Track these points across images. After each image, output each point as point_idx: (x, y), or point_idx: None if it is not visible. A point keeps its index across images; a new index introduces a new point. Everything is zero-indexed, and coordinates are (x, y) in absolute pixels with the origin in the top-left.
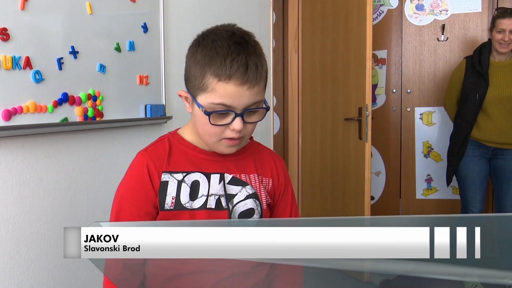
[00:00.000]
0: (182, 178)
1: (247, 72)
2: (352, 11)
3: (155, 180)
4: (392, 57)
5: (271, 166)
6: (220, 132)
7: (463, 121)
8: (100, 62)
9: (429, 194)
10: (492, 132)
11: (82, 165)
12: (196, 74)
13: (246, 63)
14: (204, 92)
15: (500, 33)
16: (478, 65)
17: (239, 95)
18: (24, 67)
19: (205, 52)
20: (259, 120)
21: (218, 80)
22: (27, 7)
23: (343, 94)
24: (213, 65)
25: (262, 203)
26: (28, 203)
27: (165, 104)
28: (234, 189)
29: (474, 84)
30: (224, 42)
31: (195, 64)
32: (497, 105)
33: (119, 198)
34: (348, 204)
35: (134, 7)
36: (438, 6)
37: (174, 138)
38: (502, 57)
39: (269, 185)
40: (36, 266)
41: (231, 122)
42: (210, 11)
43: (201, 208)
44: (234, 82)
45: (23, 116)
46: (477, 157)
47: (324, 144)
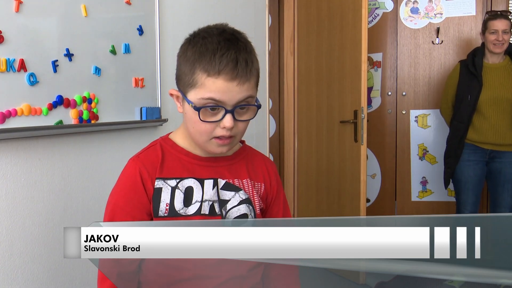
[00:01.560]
0: (176, 184)
1: (236, 67)
2: (347, 14)
3: (148, 187)
4: (387, 60)
5: (263, 171)
6: (210, 130)
7: (459, 122)
8: (95, 65)
9: (424, 196)
10: (488, 132)
11: (77, 168)
12: (186, 71)
13: (236, 58)
14: (194, 88)
15: (494, 34)
16: (472, 67)
17: (228, 90)
18: (18, 70)
19: (195, 49)
20: (251, 119)
21: (208, 76)
22: (22, 10)
23: (338, 97)
24: (203, 61)
25: (255, 208)
26: (22, 206)
27: (160, 106)
28: (228, 194)
29: (468, 86)
30: (214, 39)
31: (185, 61)
32: (492, 106)
33: (112, 206)
34: (343, 207)
35: (129, 10)
36: (433, 10)
37: (166, 143)
38: (495, 59)
39: (261, 189)
40: (30, 269)
41: (221, 119)
42: (205, 14)
43: (195, 214)
44: (223, 77)
45: (17, 119)
46: (472, 161)
47: (320, 146)
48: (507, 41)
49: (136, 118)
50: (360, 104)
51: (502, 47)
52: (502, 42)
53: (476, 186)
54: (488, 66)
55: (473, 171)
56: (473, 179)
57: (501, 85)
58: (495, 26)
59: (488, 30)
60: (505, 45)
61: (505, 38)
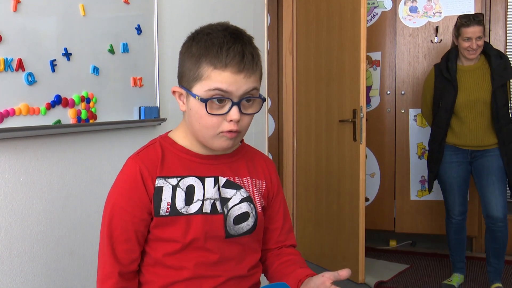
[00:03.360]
0: (177, 183)
1: (243, 60)
2: (346, 13)
3: (149, 186)
4: (386, 59)
5: (263, 168)
6: (217, 123)
7: (437, 127)
8: (94, 64)
9: (423, 195)
10: (467, 137)
11: (76, 167)
12: (190, 67)
13: (242, 51)
14: (200, 81)
15: (467, 41)
16: (446, 72)
17: (235, 82)
18: (16, 69)
19: (200, 44)
20: (256, 112)
21: (214, 68)
22: (20, 9)
23: (337, 96)
24: (209, 55)
25: (256, 206)
26: (20, 206)
27: (159, 106)
28: (229, 192)
29: (443, 90)
30: (220, 34)
31: (190, 57)
32: (469, 109)
33: (111, 205)
34: (343, 206)
35: (127, 9)
36: (431, 9)
37: (165, 141)
38: (469, 61)
39: (262, 187)
40: (29, 269)
41: (228, 112)
42: (204, 13)
43: (197, 213)
44: (230, 70)
45: (15, 119)
46: (454, 163)
47: (319, 146)
48: (481, 46)
49: (134, 118)
50: (359, 103)
51: (476, 53)
52: (476, 49)
53: (461, 186)
54: (463, 69)
55: (456, 172)
56: (457, 180)
57: (476, 87)
58: (468, 33)
59: (462, 37)
60: (479, 50)
61: (478, 44)
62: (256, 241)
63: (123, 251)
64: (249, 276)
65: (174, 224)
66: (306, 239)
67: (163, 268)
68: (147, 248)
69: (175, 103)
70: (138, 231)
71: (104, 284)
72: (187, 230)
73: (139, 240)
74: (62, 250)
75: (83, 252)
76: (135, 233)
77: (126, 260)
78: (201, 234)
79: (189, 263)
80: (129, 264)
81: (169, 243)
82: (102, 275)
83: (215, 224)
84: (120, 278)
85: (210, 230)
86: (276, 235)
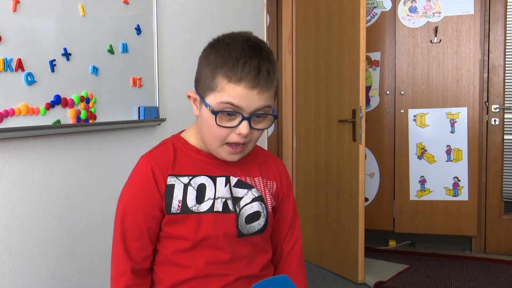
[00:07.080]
0: (188, 181)
1: (258, 76)
2: (345, 13)
3: (160, 184)
4: (385, 59)
5: (274, 170)
6: (225, 135)
7: None
8: (93, 64)
9: (422, 195)
10: None
11: (75, 167)
12: (206, 75)
13: (259, 67)
14: (213, 92)
15: None
16: None
17: (248, 97)
18: (16, 69)
19: (218, 54)
20: (267, 128)
21: (228, 81)
22: (19, 9)
23: (337, 96)
24: (225, 67)
25: (267, 206)
26: (20, 205)
27: (158, 106)
28: (240, 191)
29: None
30: (239, 45)
31: (207, 65)
32: None
33: (124, 204)
34: (342, 206)
35: (127, 9)
36: (431, 9)
37: (177, 141)
38: None
39: (273, 188)
40: (28, 269)
41: (237, 125)
42: (204, 14)
43: (208, 211)
44: (244, 85)
45: (15, 119)
46: None
47: (318, 146)
48: None
49: (134, 118)
50: (358, 103)
51: None
52: None
53: None
54: None
55: None
56: None
57: None
58: None
59: None
60: None
61: None
62: (266, 241)
63: (135, 248)
64: (260, 277)
65: (185, 222)
66: (306, 239)
67: (173, 266)
68: (158, 246)
69: (174, 103)
70: (150, 228)
71: (117, 282)
72: (198, 228)
73: (151, 238)
74: (61, 250)
75: (82, 252)
76: (147, 231)
77: (139, 257)
78: (211, 232)
79: (200, 262)
80: (142, 262)
81: (180, 240)
82: (115, 272)
83: (227, 222)
84: (133, 275)
85: (221, 229)
86: (283, 236)
